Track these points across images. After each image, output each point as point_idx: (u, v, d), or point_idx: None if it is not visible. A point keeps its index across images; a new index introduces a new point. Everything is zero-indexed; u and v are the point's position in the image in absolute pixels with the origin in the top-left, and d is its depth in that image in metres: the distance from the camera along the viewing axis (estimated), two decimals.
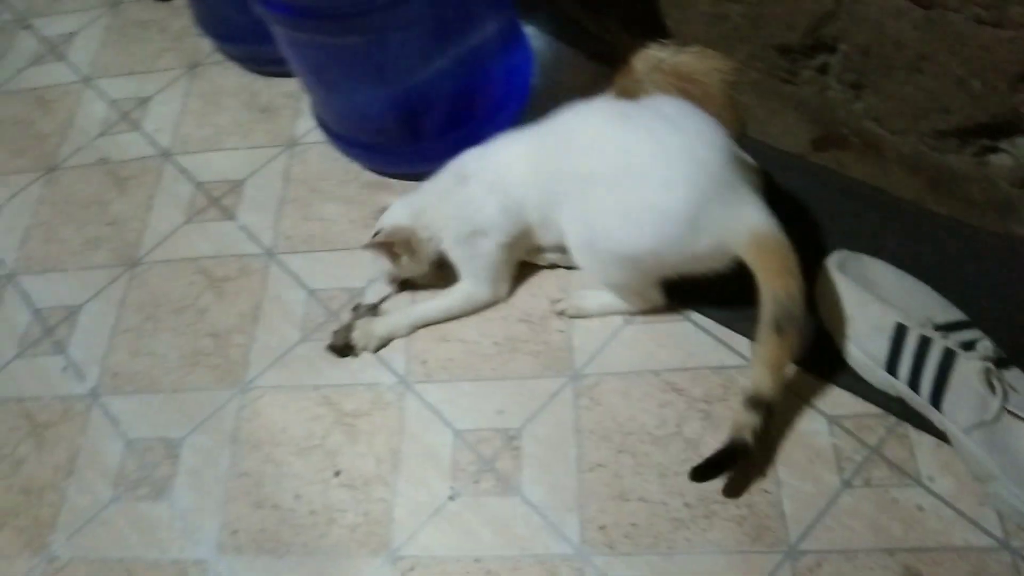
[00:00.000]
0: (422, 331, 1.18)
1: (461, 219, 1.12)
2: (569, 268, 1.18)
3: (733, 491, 0.97)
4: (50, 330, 1.31)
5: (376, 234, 1.14)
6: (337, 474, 1.08)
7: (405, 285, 1.22)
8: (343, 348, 1.16)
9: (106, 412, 1.20)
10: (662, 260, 1.01)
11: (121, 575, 1.06)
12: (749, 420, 0.94)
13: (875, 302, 0.98)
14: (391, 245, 1.13)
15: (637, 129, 1.01)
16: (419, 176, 1.20)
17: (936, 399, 0.92)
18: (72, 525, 1.11)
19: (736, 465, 0.96)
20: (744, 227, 0.96)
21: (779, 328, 0.93)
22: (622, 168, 1.00)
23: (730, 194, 0.97)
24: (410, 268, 1.17)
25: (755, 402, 0.94)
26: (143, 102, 1.59)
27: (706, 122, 1.02)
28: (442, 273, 1.19)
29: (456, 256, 1.16)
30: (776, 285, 0.94)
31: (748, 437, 0.93)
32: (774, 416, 0.97)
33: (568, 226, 1.07)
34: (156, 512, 1.10)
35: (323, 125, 1.36)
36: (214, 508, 1.08)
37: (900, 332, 0.95)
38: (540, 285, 1.19)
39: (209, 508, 1.09)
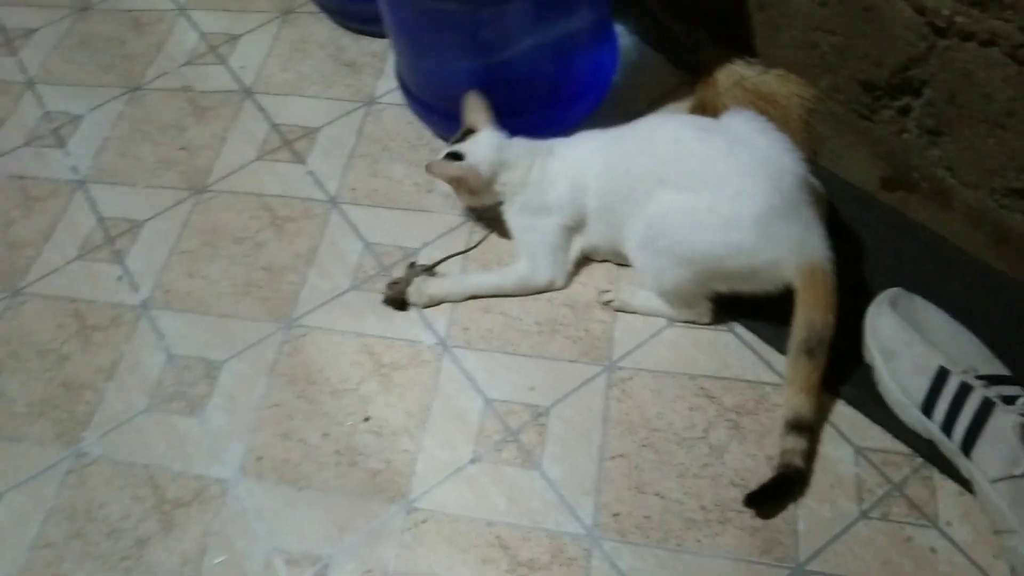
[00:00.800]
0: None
1: (536, 190, 1.16)
2: (620, 264, 1.20)
3: (767, 513, 0.98)
4: (112, 239, 1.36)
5: (456, 155, 1.17)
6: (366, 420, 1.10)
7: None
8: (400, 301, 1.19)
9: (154, 325, 1.24)
10: (720, 266, 1.03)
11: (144, 480, 1.09)
12: (796, 444, 0.97)
13: (921, 343, 0.99)
14: (459, 180, 1.17)
15: (716, 141, 1.05)
16: None
17: (967, 446, 0.93)
18: (105, 426, 1.15)
19: (792, 492, 0.98)
20: (803, 252, 1.00)
21: (810, 351, 0.98)
22: (697, 175, 1.04)
23: (797, 216, 1.01)
24: (463, 198, 1.22)
25: (797, 426, 0.97)
26: (233, 39, 1.64)
27: (784, 143, 1.06)
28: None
29: (516, 225, 1.19)
30: (815, 314, 0.99)
31: (798, 461, 0.96)
32: (816, 439, 0.99)
33: (631, 222, 1.09)
34: (187, 427, 1.13)
35: (404, 88, 1.39)
36: (243, 433, 1.12)
37: (941, 375, 0.96)
38: (590, 275, 1.21)
39: (238, 432, 1.12)
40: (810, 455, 0.99)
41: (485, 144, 1.17)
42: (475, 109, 1.19)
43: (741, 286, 1.05)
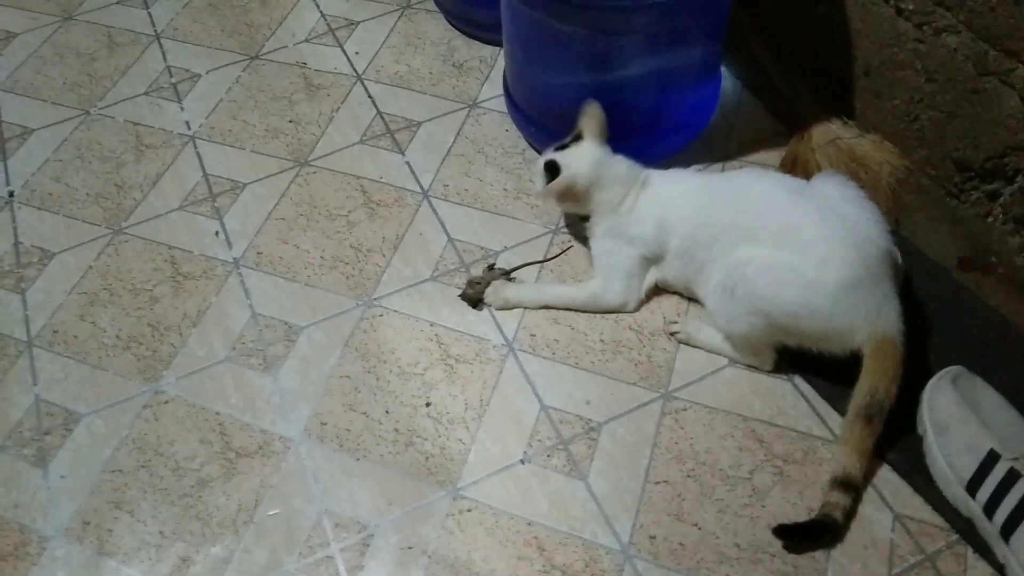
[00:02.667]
0: None
1: (624, 220, 1.20)
2: (689, 299, 1.23)
3: (797, 549, 1.02)
4: (214, 196, 1.44)
5: (553, 166, 1.20)
6: (428, 405, 1.16)
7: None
8: (475, 300, 1.25)
9: (243, 282, 1.31)
10: (793, 325, 1.07)
11: (214, 426, 1.16)
12: (840, 500, 1.00)
13: (976, 423, 1.01)
14: (563, 193, 1.21)
15: (808, 205, 1.08)
16: None
17: (1007, 531, 0.94)
18: (184, 368, 1.23)
19: (823, 540, 1.01)
20: (877, 323, 1.04)
21: (869, 418, 1.01)
22: (785, 236, 1.06)
23: (876, 289, 1.04)
24: (565, 205, 1.28)
25: (844, 483, 1.00)
26: (352, 25, 1.71)
27: (873, 213, 1.09)
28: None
29: (597, 245, 1.23)
30: (880, 384, 1.02)
31: (838, 515, 1.00)
32: (860, 499, 1.02)
33: (711, 267, 1.12)
34: (261, 383, 1.20)
35: (509, 96, 1.45)
36: (312, 397, 1.18)
37: (991, 458, 0.98)
38: (660, 303, 1.25)
39: (307, 395, 1.18)
40: (851, 513, 1.02)
41: (586, 157, 1.20)
42: (591, 118, 1.22)
43: (810, 344, 1.09)
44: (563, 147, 1.23)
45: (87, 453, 1.15)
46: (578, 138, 1.23)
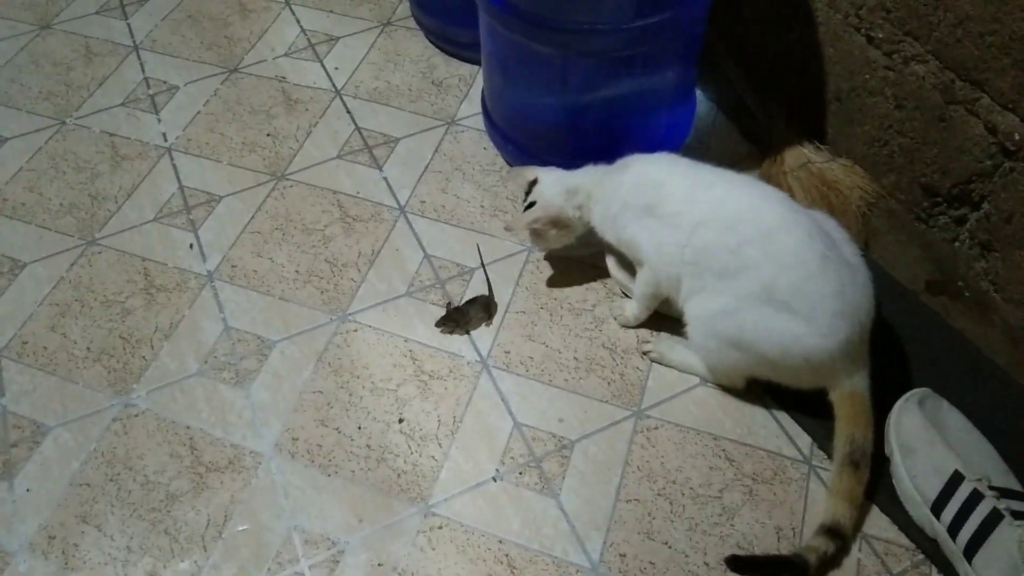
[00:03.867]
0: (512, 324, 1.26)
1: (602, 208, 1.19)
2: (663, 315, 1.24)
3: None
4: (189, 208, 1.43)
5: (528, 205, 1.22)
6: (401, 421, 1.16)
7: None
8: (451, 329, 1.25)
9: (216, 295, 1.31)
10: (770, 367, 1.09)
11: (185, 440, 1.15)
12: (822, 545, 0.99)
13: (941, 444, 1.03)
14: (545, 221, 1.21)
15: (829, 267, 1.03)
16: None
17: (970, 552, 0.96)
18: (155, 382, 1.22)
19: None
20: (847, 383, 1.06)
21: (855, 463, 1.02)
22: (799, 301, 1.03)
23: (859, 353, 1.06)
24: (547, 240, 1.25)
25: (833, 531, 1.00)
26: (332, 40, 1.72)
27: (870, 277, 1.09)
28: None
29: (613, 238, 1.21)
30: (855, 430, 1.04)
31: (813, 560, 0.98)
32: (847, 550, 1.02)
33: (705, 294, 1.09)
34: (232, 397, 1.19)
35: (487, 114, 1.46)
36: (283, 412, 1.17)
37: (956, 479, 0.99)
38: None
39: (279, 410, 1.18)
40: (830, 562, 1.00)
41: (546, 182, 1.22)
42: (521, 171, 1.25)
43: (781, 380, 1.11)
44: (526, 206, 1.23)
45: (54, 466, 1.13)
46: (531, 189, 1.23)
